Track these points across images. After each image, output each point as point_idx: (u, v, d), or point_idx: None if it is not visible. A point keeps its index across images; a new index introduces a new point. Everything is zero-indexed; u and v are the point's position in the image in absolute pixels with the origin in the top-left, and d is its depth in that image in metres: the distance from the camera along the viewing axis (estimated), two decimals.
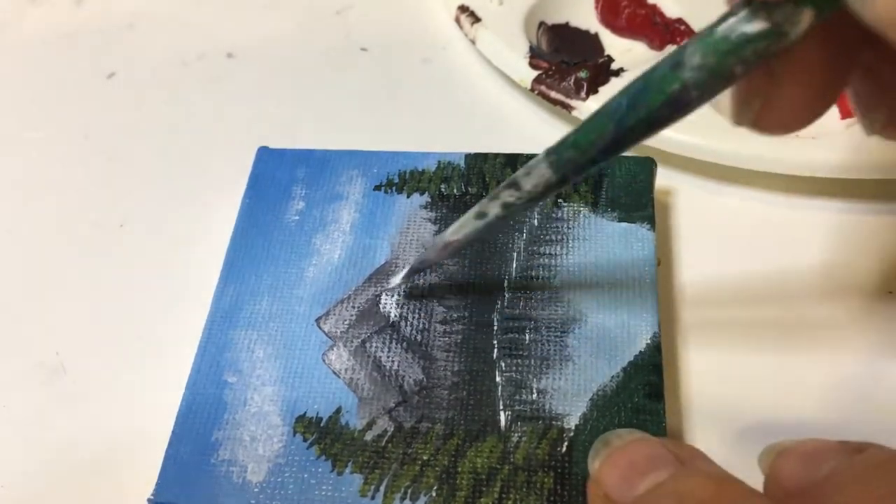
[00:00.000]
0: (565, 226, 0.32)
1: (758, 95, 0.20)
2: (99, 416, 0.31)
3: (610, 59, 0.39)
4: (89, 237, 0.36)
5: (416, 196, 0.34)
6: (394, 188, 0.34)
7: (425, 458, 0.27)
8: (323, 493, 0.26)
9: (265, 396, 0.29)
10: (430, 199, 0.33)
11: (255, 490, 0.26)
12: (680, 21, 0.40)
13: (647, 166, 0.34)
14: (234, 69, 0.43)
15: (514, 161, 0.34)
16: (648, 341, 0.29)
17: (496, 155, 0.34)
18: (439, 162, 0.34)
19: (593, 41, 0.42)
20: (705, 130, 0.34)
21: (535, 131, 0.39)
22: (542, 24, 0.42)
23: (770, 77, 0.19)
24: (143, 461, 0.29)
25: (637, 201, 0.33)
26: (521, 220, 0.32)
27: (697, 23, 0.40)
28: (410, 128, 0.40)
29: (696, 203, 0.35)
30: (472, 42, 0.41)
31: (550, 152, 0.22)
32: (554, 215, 0.32)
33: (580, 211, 0.33)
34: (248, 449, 0.27)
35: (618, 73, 0.38)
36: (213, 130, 0.41)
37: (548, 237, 0.32)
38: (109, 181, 0.39)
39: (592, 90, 0.37)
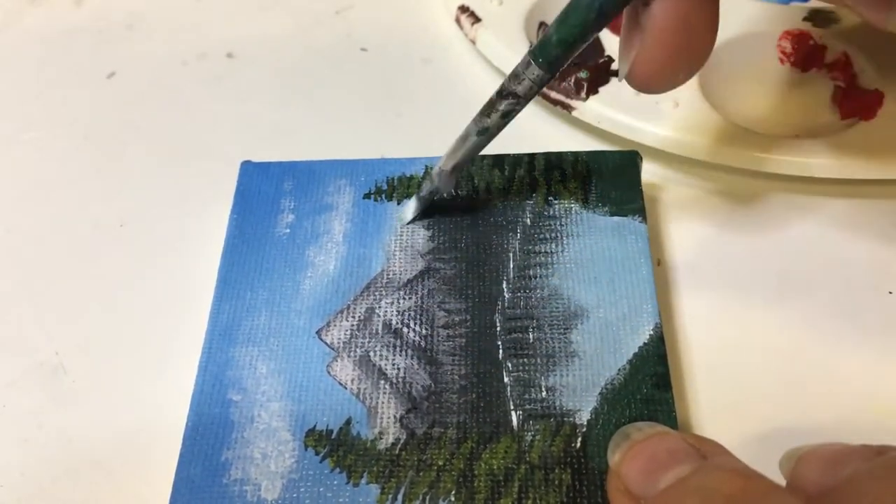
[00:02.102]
0: (558, 223, 0.32)
1: (631, 48, 0.24)
2: (98, 417, 0.31)
3: (610, 60, 0.39)
4: (89, 237, 0.36)
5: (406, 202, 0.33)
6: (383, 195, 0.34)
7: (441, 463, 0.27)
8: None
9: (272, 412, 0.28)
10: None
11: None
12: None
13: (633, 159, 0.34)
14: (234, 69, 0.43)
15: (500, 161, 0.34)
16: (651, 332, 0.29)
17: (483, 156, 0.34)
18: (426, 166, 0.34)
19: (593, 41, 0.41)
20: (710, 134, 0.35)
21: (535, 131, 0.39)
22: (542, 24, 0.42)
23: (639, 30, 0.23)
24: (143, 461, 0.29)
25: (626, 195, 0.33)
26: (513, 219, 0.32)
27: None
28: (410, 128, 0.40)
29: (683, 195, 0.36)
30: (473, 42, 0.41)
31: (538, 55, 0.25)
32: (546, 213, 0.33)
33: (571, 207, 0.33)
34: (260, 466, 0.27)
35: (618, 73, 0.38)
36: (213, 130, 0.40)
37: (542, 235, 0.32)
38: (109, 181, 0.38)
39: (592, 90, 0.37)
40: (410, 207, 0.32)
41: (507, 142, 0.38)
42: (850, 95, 0.37)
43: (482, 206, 0.33)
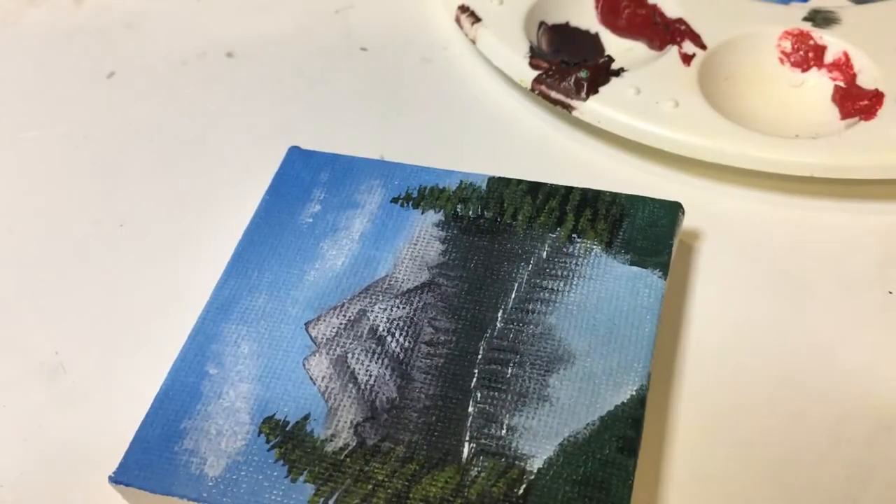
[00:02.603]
0: (574, 262, 0.31)
1: None
2: (99, 416, 0.31)
3: (610, 60, 0.39)
4: (89, 237, 0.37)
5: (430, 213, 0.33)
6: (410, 203, 0.34)
7: (380, 478, 0.26)
8: (273, 497, 0.26)
9: (240, 393, 0.29)
10: (443, 218, 0.33)
11: (210, 484, 0.26)
12: (680, 21, 0.40)
13: (673, 211, 0.32)
14: (234, 69, 0.44)
15: (536, 189, 0.33)
16: (633, 393, 0.28)
17: (519, 181, 0.34)
18: (461, 181, 0.34)
19: (593, 41, 0.42)
20: (710, 134, 0.35)
21: (535, 131, 0.39)
22: (542, 24, 0.41)
23: None
24: None
25: (654, 246, 0.31)
26: (530, 249, 0.31)
27: (697, 23, 0.39)
28: (410, 128, 0.40)
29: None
30: (473, 42, 0.41)
31: None
32: (565, 249, 0.31)
33: (593, 249, 0.31)
34: (212, 442, 0.27)
35: (618, 73, 0.38)
36: (212, 130, 0.41)
37: (553, 271, 0.31)
38: (109, 181, 0.39)
39: (592, 90, 0.37)
40: None
41: (507, 141, 0.38)
42: (849, 95, 0.37)
43: (504, 230, 0.32)
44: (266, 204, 0.34)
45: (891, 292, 0.32)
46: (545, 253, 0.31)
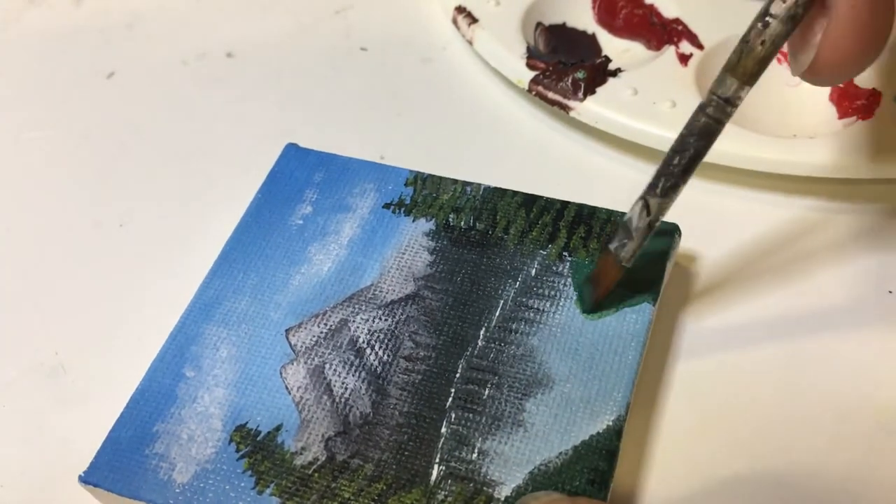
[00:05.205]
0: (562, 282, 0.31)
1: (813, 34, 0.23)
2: (99, 416, 0.30)
3: (607, 60, 0.38)
4: (89, 237, 0.37)
5: (421, 221, 0.33)
6: (402, 209, 0.33)
7: (346, 495, 0.26)
8: None
9: (214, 398, 0.28)
10: (434, 228, 0.32)
11: (176, 490, 0.26)
12: (677, 21, 0.39)
13: (669, 233, 0.31)
14: (234, 69, 0.43)
15: (531, 202, 0.33)
16: (610, 423, 0.27)
17: (514, 193, 0.33)
18: (454, 190, 0.33)
19: (591, 41, 0.41)
20: None
21: (533, 132, 0.39)
22: (539, 24, 0.41)
23: (822, 13, 0.22)
24: None
25: (645, 269, 0.31)
26: (518, 266, 0.31)
27: (695, 23, 0.39)
28: (410, 128, 0.39)
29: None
30: (470, 43, 0.40)
31: None
32: (554, 268, 0.31)
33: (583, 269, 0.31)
34: (183, 448, 0.27)
35: (615, 73, 0.37)
36: (212, 130, 0.41)
37: (540, 290, 0.30)
38: (109, 181, 0.39)
39: (590, 91, 0.36)
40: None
41: (505, 142, 0.38)
42: (847, 95, 0.37)
43: (494, 244, 0.32)
44: (257, 203, 0.34)
45: (891, 292, 0.32)
46: (534, 270, 0.31)
